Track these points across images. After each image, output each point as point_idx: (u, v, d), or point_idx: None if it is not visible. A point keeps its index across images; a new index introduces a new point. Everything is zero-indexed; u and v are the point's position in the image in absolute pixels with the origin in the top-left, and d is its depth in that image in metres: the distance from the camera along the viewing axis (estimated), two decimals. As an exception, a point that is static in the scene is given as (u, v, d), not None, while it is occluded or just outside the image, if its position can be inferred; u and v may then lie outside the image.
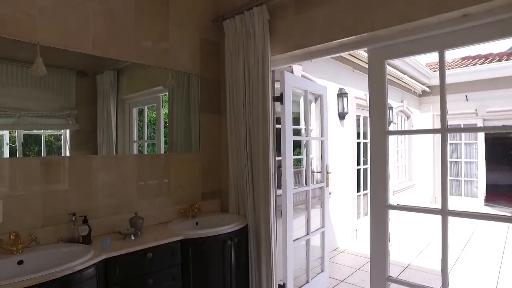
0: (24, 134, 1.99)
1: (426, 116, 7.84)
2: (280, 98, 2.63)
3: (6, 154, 1.90)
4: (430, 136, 7.87)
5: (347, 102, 4.78)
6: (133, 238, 2.09)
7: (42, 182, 1.99)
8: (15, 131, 1.94)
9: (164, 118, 2.72)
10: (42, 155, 2.03)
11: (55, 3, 2.03)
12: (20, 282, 1.44)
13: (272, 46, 2.49)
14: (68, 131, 2.15)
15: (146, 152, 2.64)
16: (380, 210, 2.09)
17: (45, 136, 2.10)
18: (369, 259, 2.17)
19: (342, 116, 4.83)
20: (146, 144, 2.72)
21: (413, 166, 7.58)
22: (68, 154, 2.12)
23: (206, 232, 2.26)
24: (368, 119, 2.22)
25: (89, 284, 1.71)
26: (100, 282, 1.78)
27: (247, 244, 2.54)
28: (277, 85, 2.70)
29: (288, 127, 2.68)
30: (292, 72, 3.58)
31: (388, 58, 2.08)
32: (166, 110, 2.73)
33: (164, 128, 2.71)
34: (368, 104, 2.15)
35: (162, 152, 2.65)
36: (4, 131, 1.90)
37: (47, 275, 1.52)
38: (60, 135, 2.16)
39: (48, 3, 2.00)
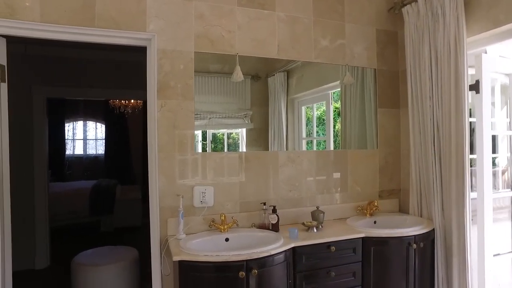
0: (212, 133, 2.36)
1: None
2: (475, 87, 2.25)
3: (199, 149, 2.27)
4: None
5: None
6: (315, 230, 2.18)
7: (238, 173, 2.31)
8: (206, 131, 2.31)
9: (333, 115, 2.73)
10: (225, 151, 2.35)
11: (249, 18, 2.33)
12: (233, 255, 1.73)
13: (467, 26, 2.15)
14: (244, 129, 2.42)
15: (314, 149, 2.71)
16: None
17: (226, 135, 2.43)
18: None
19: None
20: (315, 141, 2.80)
21: None
22: (244, 150, 2.38)
23: (389, 232, 2.15)
24: None
25: (280, 268, 1.88)
26: (289, 267, 1.93)
27: (432, 251, 2.29)
28: (470, 71, 2.32)
29: (485, 120, 2.26)
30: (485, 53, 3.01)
31: None
32: (335, 106, 2.73)
33: (333, 124, 2.73)
34: None
35: (332, 148, 2.67)
36: (199, 131, 2.28)
37: (251, 253, 1.76)
38: (238, 133, 2.45)
39: (244, 19, 2.31)
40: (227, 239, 2.07)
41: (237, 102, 2.39)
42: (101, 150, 7.80)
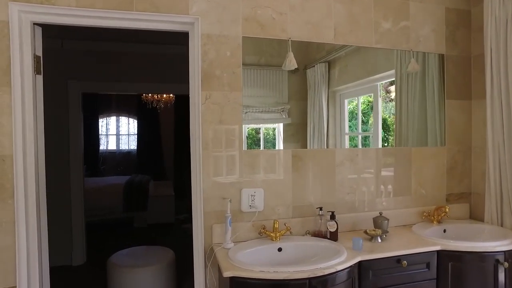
0: (247, 128, 2.11)
1: None
2: None
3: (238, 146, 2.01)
4: None
5: None
6: (379, 240, 1.90)
7: (290, 173, 2.06)
8: (242, 126, 2.06)
9: (382, 108, 2.41)
10: (261, 148, 2.10)
11: (302, -2, 2.05)
12: (295, 272, 1.48)
13: None
14: (281, 124, 2.18)
15: (360, 146, 2.40)
16: None
17: (262, 130, 2.17)
18: None
19: None
20: (359, 136, 2.50)
21: None
22: (281, 147, 2.13)
23: (471, 246, 1.82)
24: None
25: (345, 286, 1.62)
26: (354, 285, 1.67)
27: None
28: None
29: None
30: None
31: None
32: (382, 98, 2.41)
33: (382, 119, 2.41)
34: None
35: (380, 146, 2.35)
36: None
37: (315, 270, 1.50)
38: (268, 128, 2.20)
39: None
40: (280, 249, 1.82)
41: (274, 96, 2.16)
42: (133, 145, 7.80)
